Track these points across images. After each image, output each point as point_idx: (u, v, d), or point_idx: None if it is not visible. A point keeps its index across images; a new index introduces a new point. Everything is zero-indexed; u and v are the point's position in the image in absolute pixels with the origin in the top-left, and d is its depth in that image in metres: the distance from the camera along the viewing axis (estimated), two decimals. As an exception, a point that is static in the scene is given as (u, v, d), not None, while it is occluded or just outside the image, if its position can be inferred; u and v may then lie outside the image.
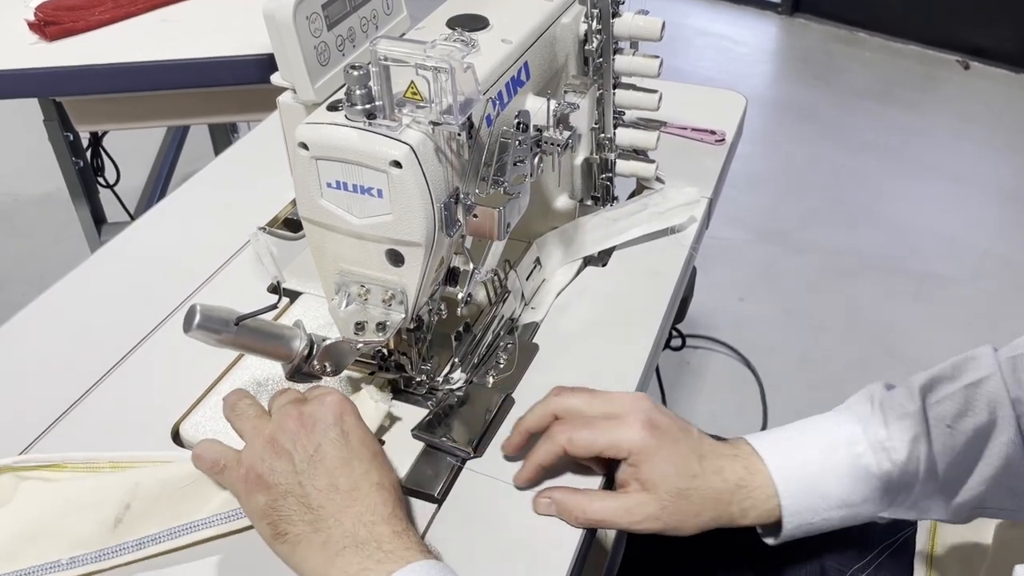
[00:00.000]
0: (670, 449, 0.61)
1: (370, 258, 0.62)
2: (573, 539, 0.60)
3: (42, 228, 2.22)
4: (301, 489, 0.56)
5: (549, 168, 0.81)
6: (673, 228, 0.86)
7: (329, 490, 0.56)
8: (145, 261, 0.86)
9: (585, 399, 0.64)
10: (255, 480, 0.57)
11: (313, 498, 0.56)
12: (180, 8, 1.35)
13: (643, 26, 0.76)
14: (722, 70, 2.88)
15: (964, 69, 2.87)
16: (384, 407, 0.67)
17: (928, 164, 2.42)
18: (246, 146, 1.06)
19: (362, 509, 0.55)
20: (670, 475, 0.61)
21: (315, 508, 0.55)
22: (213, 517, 0.61)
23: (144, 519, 0.61)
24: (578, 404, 0.64)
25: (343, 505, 0.55)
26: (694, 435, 0.64)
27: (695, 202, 0.86)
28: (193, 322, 0.58)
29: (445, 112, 0.56)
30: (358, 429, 0.59)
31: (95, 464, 0.64)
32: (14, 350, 0.77)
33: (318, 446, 0.57)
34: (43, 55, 1.23)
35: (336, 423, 0.58)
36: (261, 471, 0.57)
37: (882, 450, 0.62)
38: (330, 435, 0.58)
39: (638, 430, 0.61)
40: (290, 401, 0.61)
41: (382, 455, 0.60)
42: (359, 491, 0.56)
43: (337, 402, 0.60)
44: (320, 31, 0.63)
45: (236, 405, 0.63)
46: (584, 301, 0.81)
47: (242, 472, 0.58)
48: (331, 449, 0.57)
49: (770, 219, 2.22)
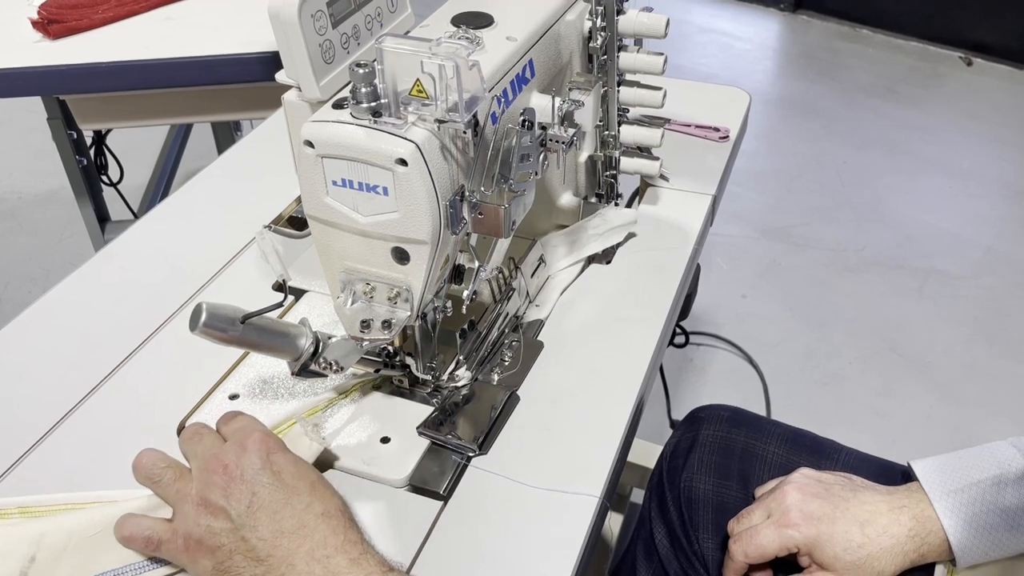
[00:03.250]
0: (830, 531, 0.66)
1: (376, 256, 0.62)
2: (578, 537, 0.60)
3: (46, 226, 2.22)
4: (245, 544, 0.54)
5: (554, 165, 0.81)
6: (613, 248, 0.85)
7: (275, 536, 0.54)
8: (149, 259, 0.86)
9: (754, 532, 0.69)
10: (195, 547, 0.55)
11: (260, 549, 0.54)
12: (183, 6, 1.35)
13: (647, 23, 0.76)
14: (724, 67, 2.88)
15: (967, 65, 2.87)
16: (317, 447, 0.64)
17: (931, 161, 2.41)
18: (250, 144, 1.06)
19: (312, 545, 0.53)
20: (840, 553, 0.65)
21: (264, 559, 0.53)
22: (124, 568, 0.58)
23: (51, 571, 0.57)
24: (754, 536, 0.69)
25: (293, 548, 0.53)
26: (851, 504, 0.67)
27: (633, 223, 0.85)
28: (199, 321, 0.58)
29: (451, 110, 0.56)
30: (289, 464, 0.57)
31: (4, 511, 0.61)
32: (19, 348, 0.77)
33: (253, 495, 0.55)
34: (47, 53, 1.23)
35: (265, 465, 0.56)
36: (199, 536, 0.55)
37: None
38: (262, 480, 0.56)
39: (807, 529, 0.66)
40: (208, 450, 0.59)
41: (321, 481, 0.58)
42: (306, 527, 0.54)
43: (259, 442, 0.58)
44: (325, 29, 0.63)
45: (151, 472, 0.60)
46: (589, 298, 0.81)
47: (180, 543, 0.56)
48: (267, 494, 0.55)
49: (773, 216, 2.22)
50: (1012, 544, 0.65)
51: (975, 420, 1.66)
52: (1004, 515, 0.65)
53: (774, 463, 0.79)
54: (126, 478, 0.65)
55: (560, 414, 0.69)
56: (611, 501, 0.66)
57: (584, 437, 0.68)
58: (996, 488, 0.65)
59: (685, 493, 0.80)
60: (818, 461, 0.79)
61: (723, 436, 0.82)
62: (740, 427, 0.83)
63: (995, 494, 0.65)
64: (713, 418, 0.84)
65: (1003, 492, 0.65)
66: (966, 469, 0.67)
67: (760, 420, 0.84)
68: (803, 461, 0.79)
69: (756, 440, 0.81)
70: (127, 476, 0.65)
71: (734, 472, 0.80)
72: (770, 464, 0.79)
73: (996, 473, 0.66)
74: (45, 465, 0.66)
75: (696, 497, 0.80)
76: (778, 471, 0.78)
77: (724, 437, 0.82)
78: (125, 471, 0.65)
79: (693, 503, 0.80)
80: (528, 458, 0.66)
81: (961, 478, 0.67)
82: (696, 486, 0.80)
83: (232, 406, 0.70)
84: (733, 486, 0.79)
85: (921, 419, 1.68)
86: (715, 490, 0.79)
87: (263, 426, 0.62)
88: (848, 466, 0.79)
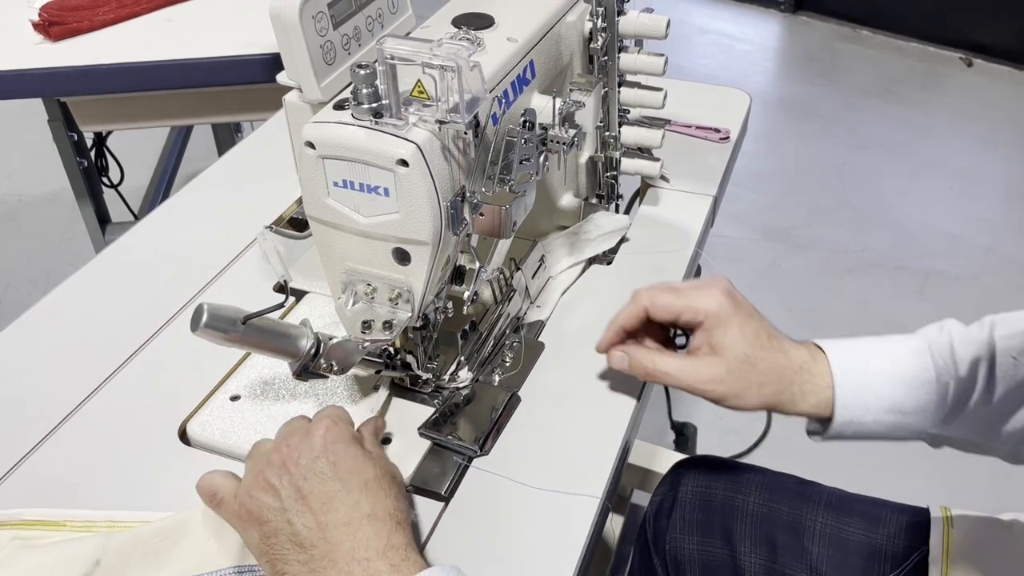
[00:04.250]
0: (744, 319, 0.65)
1: (377, 257, 0.62)
2: (580, 536, 0.60)
3: (47, 228, 2.22)
4: (291, 527, 0.54)
5: (554, 166, 0.81)
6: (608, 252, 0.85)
7: (319, 528, 0.53)
8: (151, 261, 0.86)
9: (670, 287, 0.68)
10: (246, 516, 0.56)
11: (304, 537, 0.53)
12: (184, 8, 1.35)
13: (648, 24, 0.76)
14: (724, 68, 2.88)
15: (967, 66, 2.87)
16: None
17: (931, 161, 2.41)
18: (250, 145, 1.06)
19: (354, 545, 0.53)
20: (739, 342, 0.63)
21: (308, 548, 0.53)
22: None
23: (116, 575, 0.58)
24: (663, 292, 0.68)
25: (335, 543, 0.53)
26: (765, 318, 0.67)
27: (625, 228, 0.85)
28: (200, 321, 0.58)
29: (452, 111, 0.56)
30: (347, 458, 0.57)
31: (93, 523, 0.61)
32: (20, 350, 0.77)
33: (304, 480, 0.55)
34: (47, 55, 1.23)
35: (322, 454, 0.56)
36: (251, 507, 0.56)
37: (944, 364, 0.63)
38: (315, 468, 0.55)
39: (717, 296, 0.65)
40: (288, 428, 0.60)
41: (377, 480, 0.56)
42: (350, 526, 0.53)
43: (325, 430, 0.58)
44: (326, 30, 0.63)
45: (258, 443, 0.61)
46: (589, 299, 0.81)
47: (236, 507, 0.57)
48: (317, 484, 0.55)
49: (773, 217, 2.22)
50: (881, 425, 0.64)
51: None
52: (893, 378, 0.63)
53: (755, 514, 0.79)
54: (126, 480, 0.65)
55: (561, 415, 0.69)
56: (612, 503, 0.66)
57: (585, 438, 0.67)
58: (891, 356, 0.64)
59: (671, 555, 0.80)
60: (801, 504, 0.79)
61: (703, 492, 0.81)
62: (719, 479, 0.82)
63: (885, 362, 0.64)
64: (692, 473, 0.83)
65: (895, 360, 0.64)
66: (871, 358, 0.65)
67: (739, 469, 0.84)
68: (784, 507, 0.79)
69: (736, 492, 0.80)
70: (127, 478, 0.65)
71: (716, 528, 0.79)
72: (751, 516, 0.79)
73: (892, 347, 0.65)
74: (46, 467, 0.66)
75: (682, 559, 0.80)
76: (759, 522, 0.78)
77: (704, 492, 0.81)
78: (126, 472, 0.66)
79: (680, 565, 0.80)
80: (529, 459, 0.66)
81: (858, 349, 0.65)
82: (681, 547, 0.80)
83: (233, 407, 0.70)
84: (717, 543, 0.79)
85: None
86: (699, 549, 0.79)
87: (344, 418, 0.61)
88: (832, 506, 0.79)
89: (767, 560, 0.77)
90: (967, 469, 0.72)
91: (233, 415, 0.69)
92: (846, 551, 0.76)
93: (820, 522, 0.77)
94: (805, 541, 0.77)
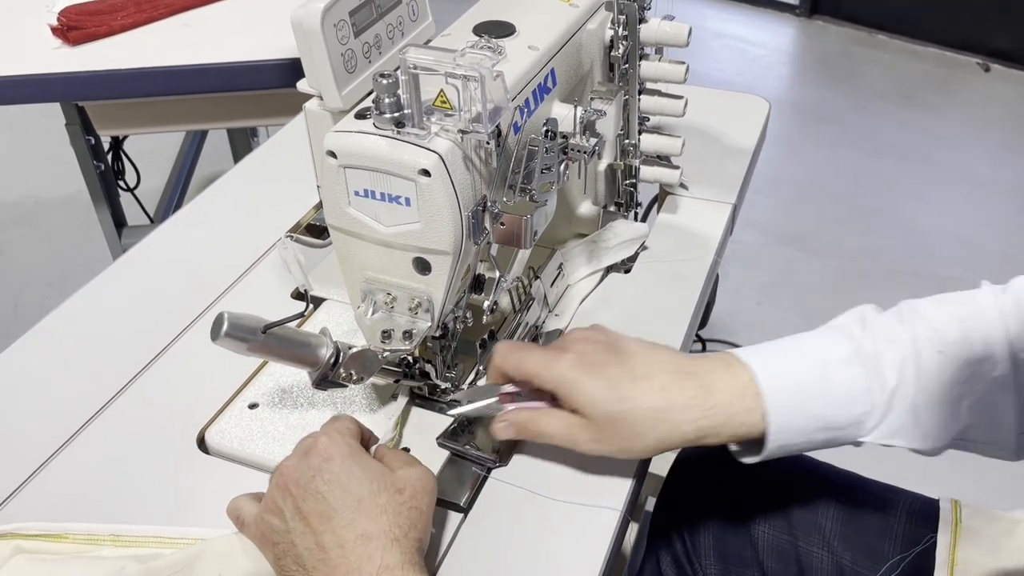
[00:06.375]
0: (591, 378, 0.60)
1: (397, 266, 0.61)
2: (601, 549, 0.60)
3: (62, 230, 2.23)
4: (295, 549, 0.54)
5: (574, 175, 0.81)
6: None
7: (317, 550, 0.53)
8: (168, 267, 0.86)
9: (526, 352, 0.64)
10: (261, 538, 0.56)
11: (306, 560, 0.53)
12: (201, 13, 1.35)
13: (670, 32, 0.75)
14: (739, 72, 2.87)
15: (985, 71, 2.85)
16: None
17: (948, 167, 2.40)
18: (267, 151, 1.06)
19: (347, 570, 0.52)
20: (595, 402, 0.59)
21: (309, 570, 0.53)
22: None
23: None
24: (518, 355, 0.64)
25: (332, 567, 0.52)
26: (632, 358, 0.61)
27: (644, 236, 0.84)
28: (221, 330, 0.58)
29: (474, 120, 0.56)
30: (342, 475, 0.55)
31: (96, 537, 0.61)
32: (38, 356, 0.77)
33: (303, 501, 0.54)
34: (66, 60, 1.23)
35: (318, 473, 0.55)
36: (263, 529, 0.56)
37: (874, 373, 0.60)
38: (311, 488, 0.55)
39: (563, 363, 0.60)
40: (297, 447, 0.59)
41: (371, 498, 0.54)
42: (343, 548, 0.52)
43: (322, 448, 0.56)
44: (347, 38, 0.62)
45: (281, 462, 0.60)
46: (608, 308, 0.80)
47: (253, 530, 0.57)
48: (313, 505, 0.54)
49: (788, 222, 2.21)
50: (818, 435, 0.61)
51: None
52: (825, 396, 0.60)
53: (770, 490, 0.78)
54: (145, 488, 0.65)
55: (580, 425, 0.69)
56: (632, 514, 0.65)
57: (605, 449, 0.67)
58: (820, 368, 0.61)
59: (687, 523, 0.80)
60: (814, 483, 0.78)
61: (719, 469, 0.80)
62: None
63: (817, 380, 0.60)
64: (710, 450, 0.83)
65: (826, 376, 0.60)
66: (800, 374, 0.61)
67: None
68: (799, 484, 0.77)
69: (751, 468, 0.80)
70: (146, 486, 0.65)
71: (729, 500, 0.79)
72: (766, 491, 0.78)
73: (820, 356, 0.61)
74: (65, 474, 0.66)
75: (697, 526, 0.80)
76: (774, 497, 0.78)
77: (720, 469, 0.80)
78: (144, 480, 0.66)
79: (695, 532, 0.80)
80: (548, 470, 0.65)
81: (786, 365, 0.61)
82: (696, 515, 0.80)
83: (252, 415, 0.70)
84: (730, 513, 0.79)
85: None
86: (715, 520, 0.79)
87: (343, 430, 0.59)
88: (846, 487, 0.78)
89: (781, 532, 0.77)
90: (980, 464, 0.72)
91: (251, 423, 0.69)
92: (858, 529, 0.76)
93: (835, 500, 0.77)
94: (819, 517, 0.77)
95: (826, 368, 0.61)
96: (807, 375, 0.61)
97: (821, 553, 0.76)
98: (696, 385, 0.60)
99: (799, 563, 0.77)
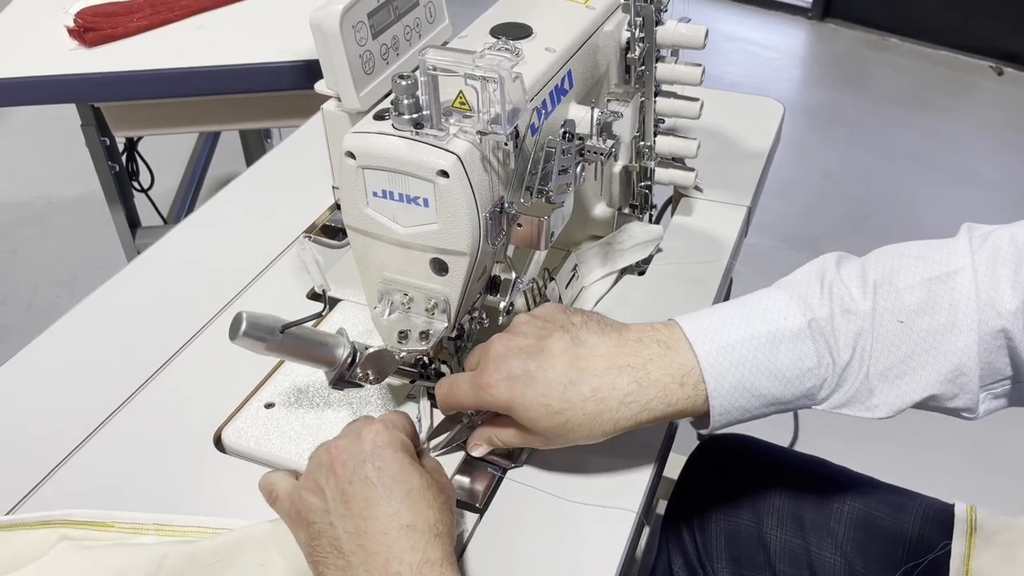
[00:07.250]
0: (524, 394, 0.58)
1: (414, 267, 0.62)
2: (617, 551, 0.60)
3: (75, 231, 2.24)
4: (333, 531, 0.53)
5: (590, 177, 0.81)
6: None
7: (357, 535, 0.53)
8: (184, 268, 0.87)
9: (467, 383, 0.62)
10: (295, 516, 0.56)
11: (344, 543, 0.53)
12: (216, 15, 1.36)
13: (686, 34, 0.75)
14: (751, 75, 2.87)
15: (998, 75, 2.84)
16: None
17: (960, 171, 2.39)
18: (282, 152, 1.06)
19: (388, 557, 0.51)
20: (534, 417, 0.59)
21: (346, 554, 0.53)
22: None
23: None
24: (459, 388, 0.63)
25: (371, 552, 0.52)
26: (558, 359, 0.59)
27: (659, 239, 0.84)
28: (239, 330, 0.58)
29: (492, 121, 0.56)
30: (393, 463, 0.55)
31: (140, 526, 0.62)
32: (56, 357, 0.77)
33: (349, 483, 0.54)
34: (82, 61, 1.24)
35: (369, 458, 0.55)
36: (299, 507, 0.56)
37: (825, 349, 0.58)
38: (360, 472, 0.54)
39: (492, 388, 0.59)
40: (346, 430, 0.59)
41: (420, 491, 0.54)
42: (387, 536, 0.52)
43: (375, 432, 0.57)
44: (365, 40, 0.63)
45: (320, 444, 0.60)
46: (623, 310, 0.80)
47: (287, 506, 0.57)
48: (360, 489, 0.54)
49: (799, 225, 2.20)
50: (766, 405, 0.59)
51: (1012, 434, 1.64)
52: (773, 376, 0.58)
53: (783, 492, 0.79)
54: (162, 487, 0.66)
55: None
56: (647, 517, 0.65)
57: (621, 450, 0.67)
58: (769, 346, 0.58)
59: (698, 521, 0.81)
60: (829, 486, 0.78)
61: (733, 467, 0.81)
62: (748, 456, 0.81)
63: (763, 359, 0.58)
64: (723, 447, 0.83)
65: (774, 354, 0.58)
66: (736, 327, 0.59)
67: (770, 449, 0.83)
68: (812, 487, 0.78)
69: (765, 469, 0.81)
70: (163, 485, 0.66)
71: (744, 501, 0.79)
72: (779, 493, 0.79)
73: (770, 329, 0.58)
74: (82, 474, 0.67)
75: (708, 524, 0.80)
76: (787, 499, 0.78)
77: (733, 467, 0.81)
78: (162, 479, 0.66)
79: (706, 530, 0.80)
80: (564, 471, 0.65)
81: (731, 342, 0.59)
82: (708, 513, 0.80)
83: (268, 415, 0.70)
84: (744, 514, 0.79)
85: (953, 432, 1.65)
86: (727, 518, 0.79)
87: (399, 424, 0.60)
88: (860, 491, 0.78)
89: (793, 536, 0.77)
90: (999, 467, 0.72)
91: (268, 422, 0.69)
92: (871, 534, 0.75)
93: (848, 504, 0.77)
94: (832, 521, 0.76)
95: (775, 345, 0.58)
96: (754, 354, 0.58)
97: (833, 558, 0.76)
98: (630, 380, 0.58)
99: (811, 567, 0.76)
